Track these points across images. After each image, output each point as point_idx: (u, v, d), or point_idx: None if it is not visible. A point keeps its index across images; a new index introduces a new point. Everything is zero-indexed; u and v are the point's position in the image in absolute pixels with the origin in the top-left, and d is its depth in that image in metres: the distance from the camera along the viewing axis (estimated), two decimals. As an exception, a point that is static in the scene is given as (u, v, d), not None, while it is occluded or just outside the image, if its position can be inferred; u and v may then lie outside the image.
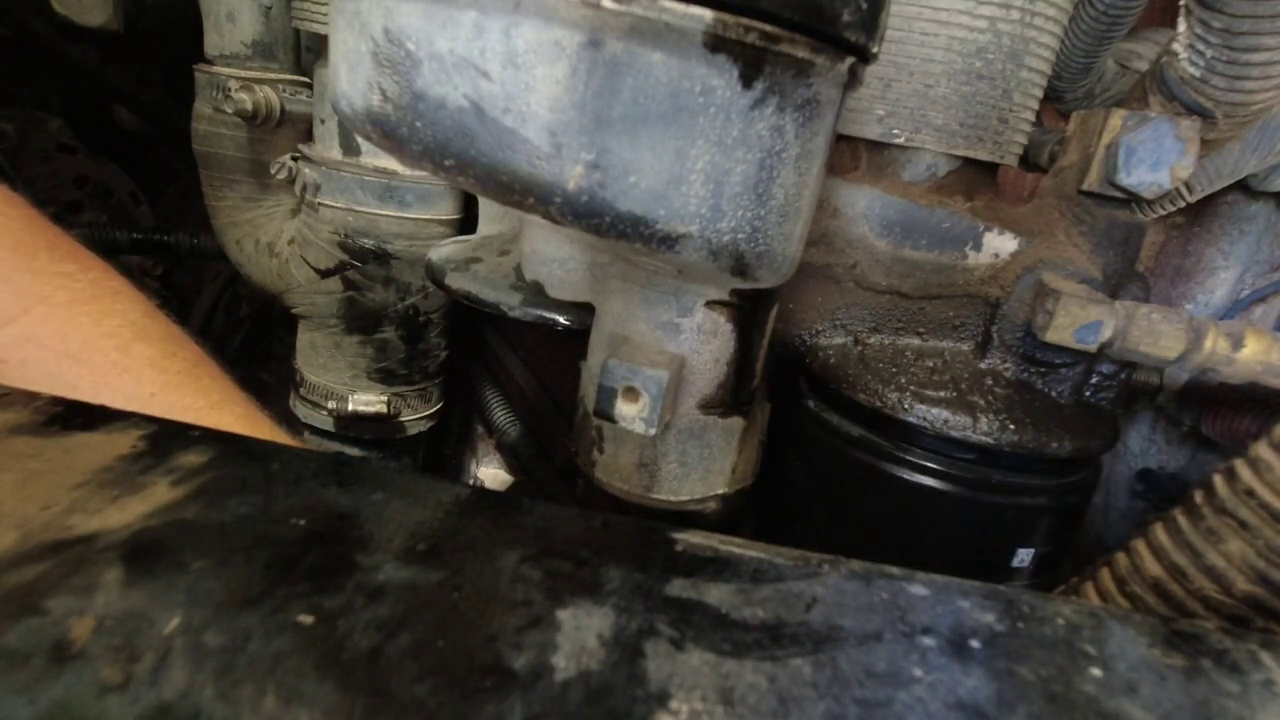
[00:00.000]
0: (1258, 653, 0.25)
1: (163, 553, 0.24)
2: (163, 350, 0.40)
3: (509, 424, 0.96)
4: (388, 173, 0.79)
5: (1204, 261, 0.71)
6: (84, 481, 0.26)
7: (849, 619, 0.25)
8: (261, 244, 0.88)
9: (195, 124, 0.85)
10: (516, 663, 0.22)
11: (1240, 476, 0.36)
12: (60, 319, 0.37)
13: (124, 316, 0.39)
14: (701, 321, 0.42)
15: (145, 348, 0.39)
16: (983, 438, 0.48)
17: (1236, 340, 0.45)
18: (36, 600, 0.21)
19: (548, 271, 0.50)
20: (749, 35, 0.28)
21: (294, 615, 0.22)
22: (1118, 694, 0.23)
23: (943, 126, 0.54)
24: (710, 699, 0.21)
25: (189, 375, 0.40)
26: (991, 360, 0.52)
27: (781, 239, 0.35)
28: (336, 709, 0.19)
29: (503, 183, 0.30)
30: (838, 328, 0.55)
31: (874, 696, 0.22)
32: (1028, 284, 0.50)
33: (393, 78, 0.30)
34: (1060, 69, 0.68)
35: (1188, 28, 0.52)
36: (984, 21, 0.51)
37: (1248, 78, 0.51)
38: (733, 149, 0.30)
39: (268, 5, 0.81)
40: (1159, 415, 0.77)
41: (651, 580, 0.26)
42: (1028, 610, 0.26)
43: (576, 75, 0.28)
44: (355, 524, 0.27)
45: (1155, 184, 0.47)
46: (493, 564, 0.26)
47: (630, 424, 0.39)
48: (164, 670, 0.20)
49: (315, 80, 0.83)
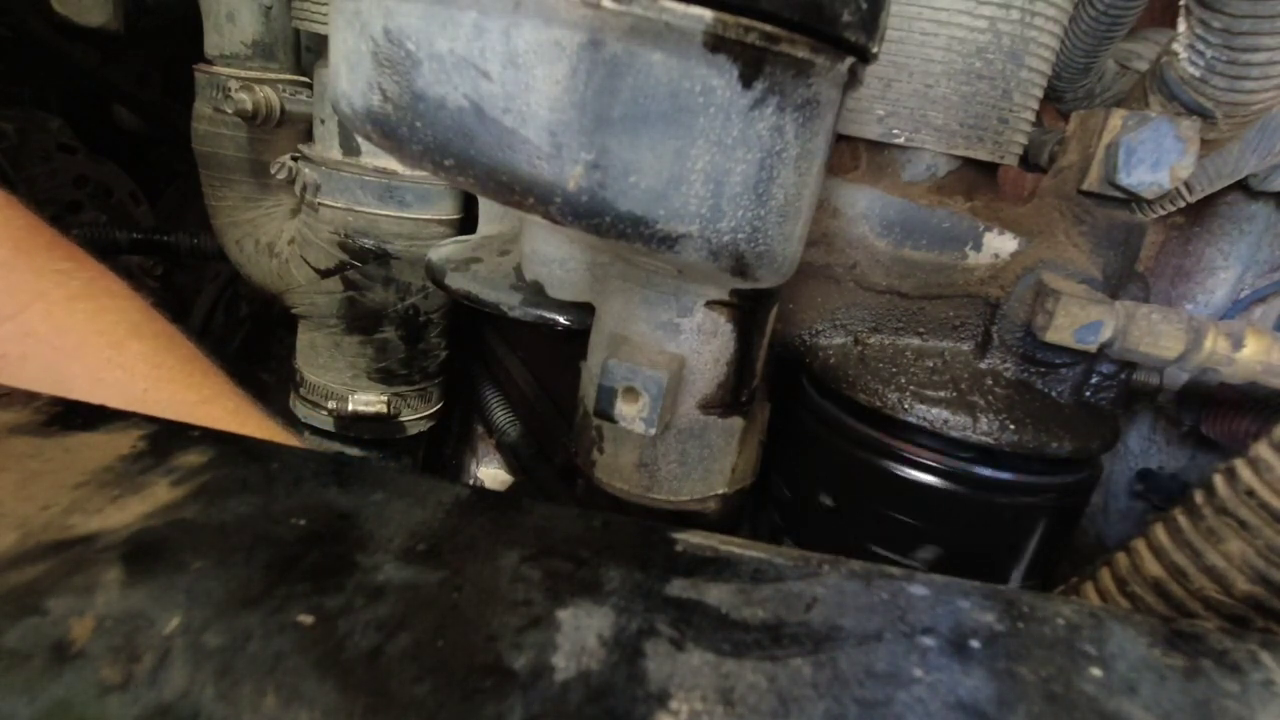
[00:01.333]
0: (1258, 653, 0.25)
1: (163, 553, 0.24)
2: (156, 347, 0.40)
3: (509, 424, 0.96)
4: (388, 173, 0.79)
5: (1204, 261, 0.71)
6: (84, 481, 0.26)
7: (849, 619, 0.25)
8: (261, 244, 0.88)
9: (195, 124, 0.85)
10: (516, 663, 0.22)
11: (1240, 476, 0.36)
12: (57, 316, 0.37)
13: (119, 314, 0.39)
14: (701, 321, 0.42)
15: (139, 344, 0.39)
16: (983, 438, 0.48)
17: (1236, 340, 0.45)
18: (36, 600, 0.21)
19: (548, 271, 0.50)
20: (749, 35, 0.28)
21: (294, 615, 0.22)
22: (1118, 694, 0.23)
23: (943, 126, 0.54)
24: (710, 699, 0.21)
25: (182, 371, 0.40)
26: (991, 360, 0.52)
27: (781, 239, 0.35)
28: (336, 709, 0.19)
29: (503, 183, 0.30)
30: (838, 328, 0.55)
31: (874, 696, 0.22)
32: (1028, 284, 0.50)
33: (393, 78, 0.30)
34: (1060, 69, 0.68)
35: (1188, 28, 0.52)
36: (984, 21, 0.51)
37: (1248, 78, 0.51)
38: (733, 149, 0.30)
39: (268, 5, 0.81)
40: (1159, 415, 0.77)
41: (651, 580, 0.26)
42: (1028, 610, 0.26)
43: (576, 75, 0.28)
44: (355, 524, 0.27)
45: (1155, 184, 0.47)
46: (493, 564, 0.26)
47: (630, 424, 0.39)
48: (164, 670, 0.20)
49: (315, 80, 0.83)
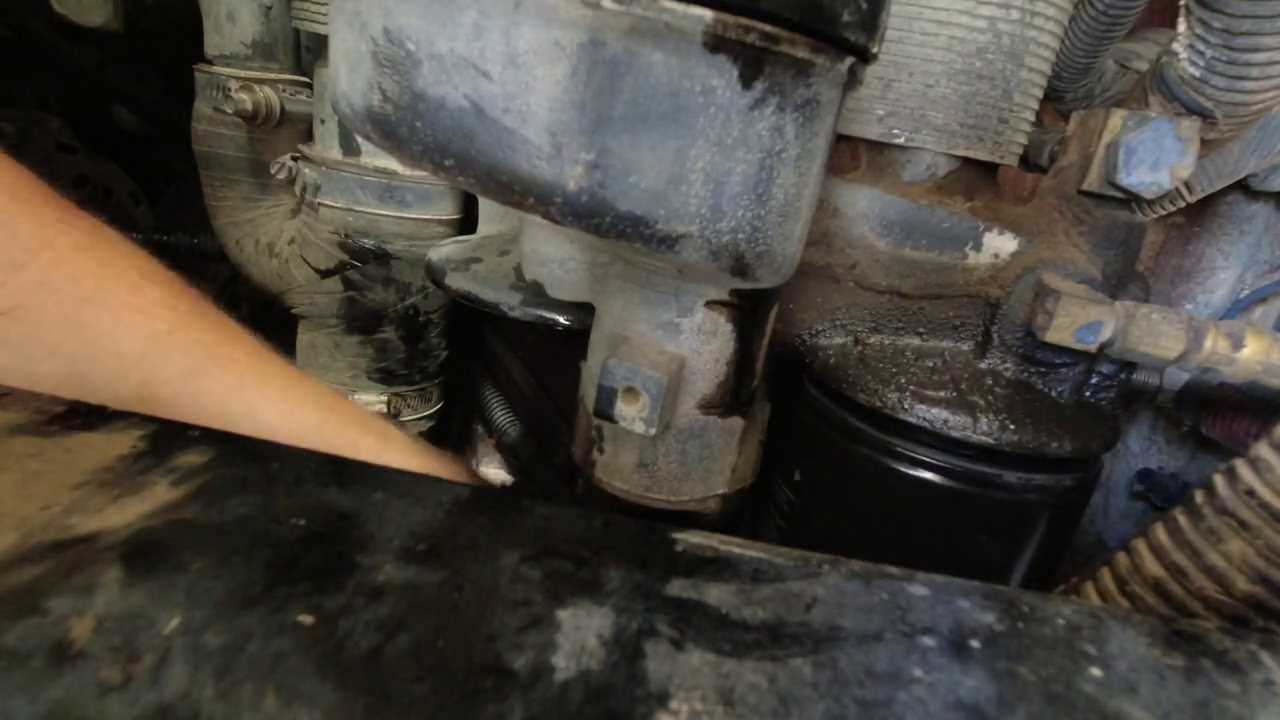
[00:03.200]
0: (1258, 653, 0.25)
1: (163, 553, 0.24)
2: (170, 291, 0.40)
3: (509, 424, 0.96)
4: (388, 173, 0.79)
5: (1204, 261, 0.71)
6: (84, 481, 0.26)
7: (849, 619, 0.25)
8: (261, 244, 0.88)
9: (195, 124, 0.85)
10: (516, 663, 0.22)
11: (1241, 476, 0.36)
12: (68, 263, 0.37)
13: (127, 260, 0.40)
14: (701, 321, 0.42)
15: (153, 288, 0.40)
16: (983, 438, 0.48)
17: (1236, 340, 0.45)
18: (36, 600, 0.21)
19: (548, 271, 0.50)
20: (749, 35, 0.28)
21: (294, 615, 0.22)
22: (1118, 694, 0.23)
23: (943, 126, 0.54)
24: (710, 699, 0.21)
25: (197, 313, 0.41)
26: (991, 360, 0.52)
27: (781, 239, 0.35)
28: (336, 709, 0.19)
29: (503, 183, 0.30)
30: (838, 328, 0.55)
31: (874, 696, 0.22)
32: (1028, 284, 0.50)
33: (393, 78, 0.29)
34: (1060, 69, 0.68)
35: (1188, 28, 0.52)
36: (984, 21, 0.51)
37: (1248, 78, 0.51)
38: (733, 149, 0.30)
39: (268, 5, 0.81)
40: (1159, 415, 0.77)
41: (651, 580, 0.26)
42: (1028, 610, 0.26)
43: (576, 75, 0.28)
44: (355, 524, 0.27)
45: (1155, 184, 0.47)
46: (493, 564, 0.26)
47: (630, 424, 0.39)
48: (164, 670, 0.20)
49: (315, 80, 0.83)
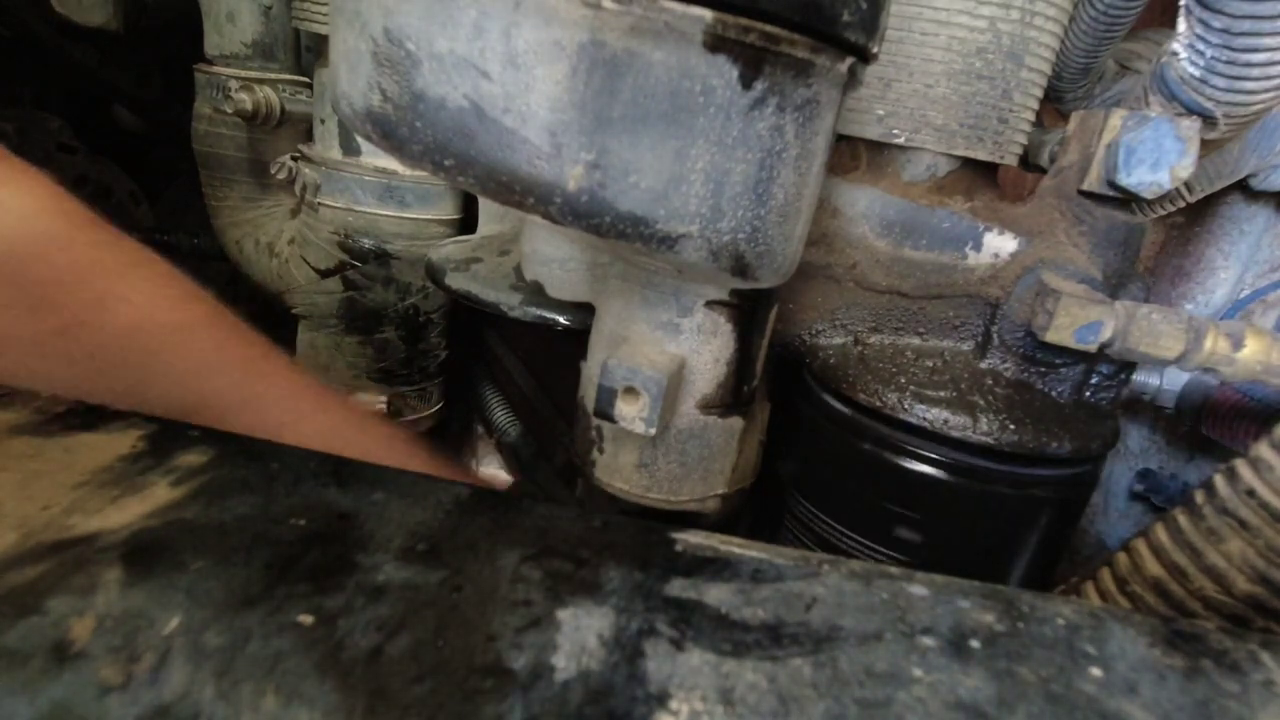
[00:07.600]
0: (1258, 653, 0.25)
1: (163, 553, 0.24)
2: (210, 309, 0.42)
3: (509, 424, 0.96)
4: (388, 173, 0.79)
5: (1204, 261, 0.71)
6: (84, 481, 0.26)
7: (849, 619, 0.25)
8: (261, 244, 0.88)
9: (195, 124, 0.85)
10: (516, 663, 0.22)
11: (1241, 476, 0.36)
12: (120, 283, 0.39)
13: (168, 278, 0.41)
14: (701, 321, 0.42)
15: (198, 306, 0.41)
16: (983, 438, 0.48)
17: (1236, 340, 0.45)
18: (36, 600, 0.21)
19: (548, 271, 0.50)
20: (749, 35, 0.28)
21: (294, 615, 0.22)
22: (1118, 694, 0.23)
23: (943, 126, 0.54)
24: (710, 699, 0.21)
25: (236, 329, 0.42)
26: (991, 360, 0.52)
27: (781, 239, 0.35)
28: (336, 709, 0.19)
29: (503, 183, 0.30)
30: (838, 328, 0.55)
31: (874, 696, 0.22)
32: (1028, 284, 0.50)
33: (393, 78, 0.29)
34: (1060, 69, 0.67)
35: (1188, 28, 0.52)
36: (984, 21, 0.51)
37: (1248, 78, 0.51)
38: (733, 149, 0.30)
39: (268, 5, 0.81)
40: (1159, 415, 0.77)
41: (651, 580, 0.26)
42: (1028, 610, 0.26)
43: (576, 75, 0.28)
44: (355, 524, 0.27)
45: (1155, 184, 0.47)
46: (493, 564, 0.26)
47: (630, 424, 0.39)
48: (164, 670, 0.20)
49: (315, 80, 0.83)
